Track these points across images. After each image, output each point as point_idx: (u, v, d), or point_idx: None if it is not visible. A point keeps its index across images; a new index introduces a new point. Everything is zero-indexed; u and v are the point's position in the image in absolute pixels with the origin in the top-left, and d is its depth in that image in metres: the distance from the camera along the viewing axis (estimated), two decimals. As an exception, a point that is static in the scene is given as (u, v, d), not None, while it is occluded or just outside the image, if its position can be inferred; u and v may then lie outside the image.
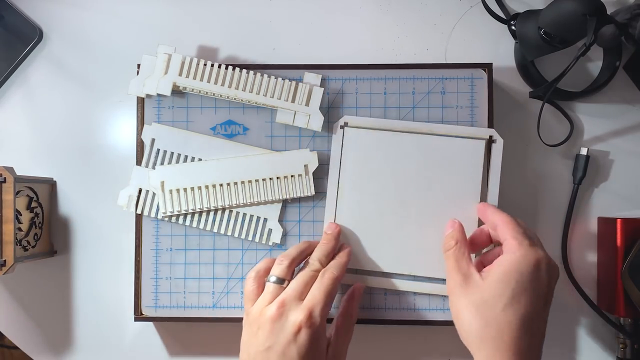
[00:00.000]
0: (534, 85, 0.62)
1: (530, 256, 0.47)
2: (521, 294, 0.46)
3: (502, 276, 0.46)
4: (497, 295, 0.46)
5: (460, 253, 0.50)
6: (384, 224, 0.57)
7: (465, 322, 0.47)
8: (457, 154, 0.57)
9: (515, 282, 0.46)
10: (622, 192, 0.62)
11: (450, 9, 0.64)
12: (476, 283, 0.47)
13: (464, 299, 0.47)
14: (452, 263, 0.50)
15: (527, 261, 0.47)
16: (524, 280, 0.46)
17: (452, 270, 0.50)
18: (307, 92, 0.59)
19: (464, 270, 0.49)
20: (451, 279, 0.49)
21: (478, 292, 0.47)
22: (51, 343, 0.64)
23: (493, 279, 0.47)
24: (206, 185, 0.59)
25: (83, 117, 0.64)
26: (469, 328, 0.47)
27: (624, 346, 0.59)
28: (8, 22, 0.65)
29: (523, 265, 0.47)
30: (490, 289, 0.46)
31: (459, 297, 0.48)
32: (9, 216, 0.55)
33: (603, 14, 0.52)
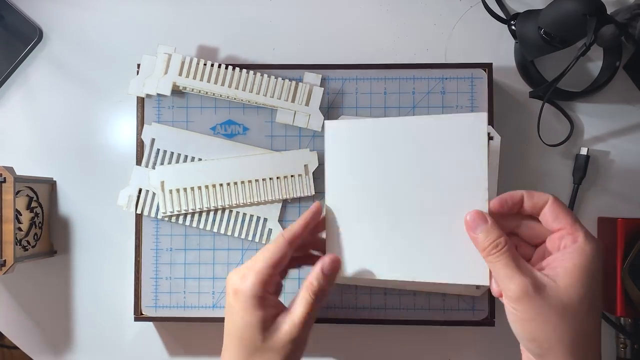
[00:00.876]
0: (534, 85, 0.62)
1: (599, 248, 0.42)
2: (598, 292, 0.42)
3: (580, 276, 0.41)
4: (579, 299, 0.41)
5: (515, 254, 0.43)
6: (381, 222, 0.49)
7: (543, 330, 0.41)
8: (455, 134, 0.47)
9: (594, 281, 0.41)
10: (622, 192, 0.62)
11: (450, 9, 0.64)
12: (550, 286, 0.41)
13: (539, 304, 0.41)
14: (510, 266, 0.42)
15: (599, 255, 0.42)
16: (598, 278, 0.41)
17: (513, 274, 0.42)
18: (307, 92, 0.59)
19: (528, 273, 0.42)
20: (515, 284, 0.41)
21: (556, 296, 0.41)
22: (51, 343, 0.64)
23: (570, 281, 0.41)
24: (206, 185, 0.59)
25: (83, 117, 0.64)
26: (550, 336, 0.41)
27: (624, 346, 0.59)
28: (8, 22, 0.65)
29: (596, 261, 0.41)
30: (570, 292, 0.41)
31: (532, 304, 0.41)
32: (9, 216, 0.55)
33: (603, 14, 0.52)
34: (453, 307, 0.58)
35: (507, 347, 0.61)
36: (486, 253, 0.44)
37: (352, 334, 0.62)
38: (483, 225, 0.44)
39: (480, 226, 0.44)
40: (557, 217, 0.43)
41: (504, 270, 0.42)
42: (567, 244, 0.42)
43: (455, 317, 0.58)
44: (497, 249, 0.43)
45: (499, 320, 0.57)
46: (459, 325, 0.58)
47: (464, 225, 0.45)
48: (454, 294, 0.58)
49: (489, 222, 0.44)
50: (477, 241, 0.44)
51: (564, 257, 0.42)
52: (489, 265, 0.44)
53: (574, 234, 0.42)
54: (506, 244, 0.43)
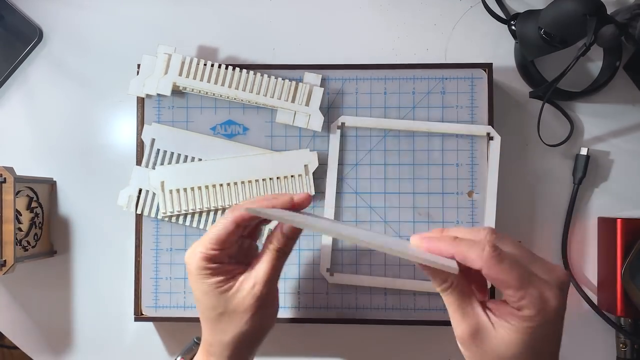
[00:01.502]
0: (534, 85, 0.62)
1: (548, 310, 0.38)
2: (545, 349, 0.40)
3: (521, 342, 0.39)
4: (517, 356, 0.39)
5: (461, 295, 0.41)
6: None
7: None
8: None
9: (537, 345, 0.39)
10: (622, 192, 0.62)
11: (450, 9, 0.64)
12: (492, 336, 0.39)
13: (480, 349, 0.40)
14: (457, 311, 0.41)
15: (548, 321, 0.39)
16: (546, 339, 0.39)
17: (457, 317, 0.41)
18: (307, 92, 0.59)
19: (470, 319, 0.40)
20: (457, 326, 0.41)
21: (496, 346, 0.39)
22: (51, 343, 0.64)
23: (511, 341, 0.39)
24: (206, 185, 0.59)
25: (83, 117, 0.64)
26: None
27: (624, 346, 0.59)
28: (8, 22, 0.65)
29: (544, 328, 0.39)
30: (509, 348, 0.39)
31: (475, 347, 0.40)
32: (9, 216, 0.55)
33: (603, 14, 0.52)
34: (453, 307, 0.58)
35: (507, 347, 0.61)
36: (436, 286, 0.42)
37: (352, 334, 0.62)
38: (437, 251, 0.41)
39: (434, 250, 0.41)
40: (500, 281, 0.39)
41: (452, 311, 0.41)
42: (516, 308, 0.39)
43: (455, 317, 0.58)
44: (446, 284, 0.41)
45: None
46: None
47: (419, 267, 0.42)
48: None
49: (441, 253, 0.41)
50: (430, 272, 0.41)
51: (512, 316, 0.39)
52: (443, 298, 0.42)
53: (520, 302, 0.38)
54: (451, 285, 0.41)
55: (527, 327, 0.38)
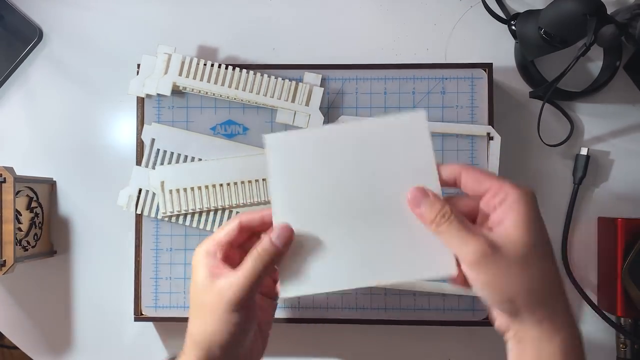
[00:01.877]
0: (534, 85, 0.62)
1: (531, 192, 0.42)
2: (546, 235, 0.42)
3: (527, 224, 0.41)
4: (532, 246, 0.41)
5: (463, 219, 0.42)
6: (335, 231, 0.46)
7: (511, 287, 0.41)
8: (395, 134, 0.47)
9: (538, 225, 0.41)
10: (622, 192, 0.62)
11: (450, 9, 0.64)
12: (504, 242, 0.41)
13: (499, 263, 0.40)
14: (462, 231, 0.42)
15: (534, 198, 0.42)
16: (540, 219, 0.42)
17: (467, 238, 0.41)
18: (307, 92, 0.59)
19: (481, 235, 0.41)
20: (471, 247, 0.41)
21: (513, 249, 0.40)
22: (51, 343, 0.64)
23: (520, 231, 0.41)
24: (206, 185, 0.59)
25: (83, 117, 0.64)
26: (519, 290, 0.41)
27: (624, 346, 0.59)
28: (8, 22, 0.65)
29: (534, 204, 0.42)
30: (524, 241, 0.40)
31: (492, 264, 0.40)
32: (9, 216, 0.55)
33: (603, 13, 0.52)
34: (453, 307, 0.58)
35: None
36: (435, 225, 0.43)
37: (352, 334, 0.62)
38: (425, 199, 0.44)
39: (422, 200, 0.44)
40: (478, 181, 0.43)
41: (457, 237, 0.42)
42: (502, 199, 0.42)
43: (455, 317, 0.58)
44: (444, 218, 0.42)
45: (499, 320, 0.57)
46: (459, 325, 0.58)
47: (408, 205, 0.45)
48: (454, 294, 0.58)
49: (430, 195, 0.44)
50: (423, 217, 0.44)
51: (504, 212, 0.41)
52: (441, 237, 0.43)
53: (502, 189, 0.42)
54: (452, 211, 0.42)
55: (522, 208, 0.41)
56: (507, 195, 0.41)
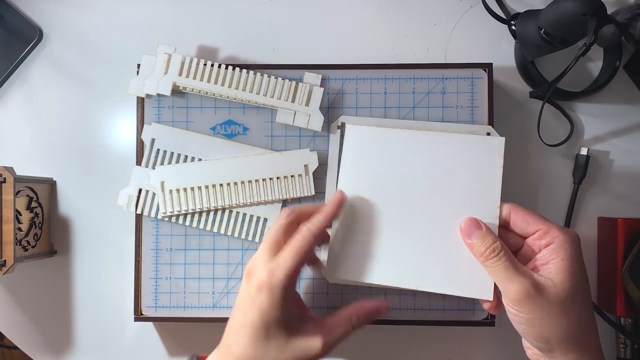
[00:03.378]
0: (534, 85, 0.62)
1: (576, 236, 0.44)
2: (586, 279, 0.44)
3: (570, 269, 0.43)
4: (573, 291, 0.43)
5: (511, 256, 0.45)
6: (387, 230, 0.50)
7: (549, 328, 0.43)
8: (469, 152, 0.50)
9: (580, 270, 0.44)
10: (622, 192, 0.62)
11: (450, 9, 0.64)
12: (548, 285, 0.43)
13: (541, 304, 0.43)
14: (509, 269, 0.44)
15: (578, 242, 0.44)
16: (582, 265, 0.44)
17: (513, 276, 0.43)
18: (307, 92, 0.59)
19: (527, 274, 0.44)
20: (516, 286, 0.43)
21: (555, 293, 0.43)
22: (51, 343, 0.64)
23: (563, 275, 0.43)
24: (206, 185, 0.59)
25: (83, 117, 0.64)
26: (556, 332, 0.43)
27: (624, 346, 0.59)
28: (8, 22, 0.65)
29: (578, 248, 0.44)
30: (566, 287, 0.43)
31: (534, 304, 0.43)
32: (9, 216, 0.55)
33: (603, 14, 0.52)
34: (453, 307, 0.58)
35: (507, 347, 0.61)
36: (484, 258, 0.45)
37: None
38: (478, 232, 0.46)
39: (475, 232, 0.46)
40: (527, 221, 0.46)
41: (503, 274, 0.44)
42: (549, 242, 0.44)
43: (455, 317, 0.58)
44: (494, 253, 0.45)
45: (499, 320, 0.57)
46: (459, 325, 0.58)
47: (460, 233, 0.48)
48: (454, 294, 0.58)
49: (483, 229, 0.46)
50: (473, 248, 0.46)
51: (550, 255, 0.44)
52: (487, 270, 0.46)
53: (550, 232, 0.44)
54: (502, 248, 0.45)
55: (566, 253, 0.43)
56: (554, 239, 0.44)
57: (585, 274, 0.44)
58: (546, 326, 0.43)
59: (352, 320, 0.48)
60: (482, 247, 0.45)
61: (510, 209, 0.47)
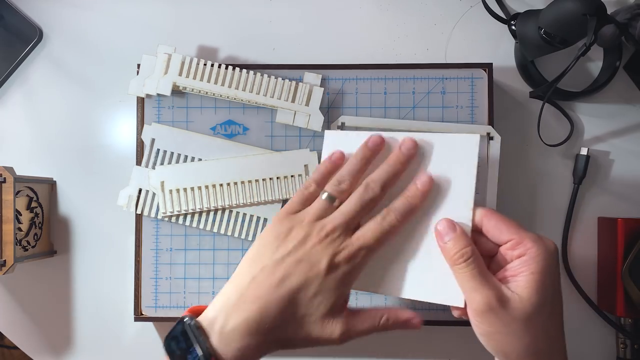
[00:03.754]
0: (534, 85, 0.62)
1: (551, 248, 0.42)
2: (558, 293, 0.42)
3: (539, 283, 0.41)
4: (540, 306, 0.41)
5: (482, 265, 0.42)
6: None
7: (509, 343, 0.41)
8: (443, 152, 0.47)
9: (551, 284, 0.41)
10: (622, 192, 0.62)
11: (450, 9, 0.64)
12: (513, 299, 0.41)
13: (503, 318, 0.41)
14: (475, 278, 0.42)
15: (553, 255, 0.42)
16: (555, 278, 0.42)
17: (478, 287, 0.42)
18: (307, 92, 0.59)
19: (493, 286, 0.41)
20: (478, 298, 0.41)
21: (519, 308, 0.41)
22: (51, 343, 0.64)
23: (531, 290, 0.41)
24: (206, 185, 0.59)
25: (83, 117, 0.64)
26: (516, 347, 0.41)
27: (624, 346, 0.59)
28: (8, 22, 0.65)
29: (552, 262, 0.42)
30: (532, 302, 0.41)
31: (496, 318, 0.41)
32: (9, 216, 0.55)
33: (603, 13, 0.52)
34: (453, 307, 0.58)
35: (507, 347, 0.61)
36: (452, 262, 0.43)
37: (352, 334, 0.62)
38: (452, 234, 0.44)
39: (448, 234, 0.44)
40: (500, 229, 0.43)
41: (469, 282, 0.42)
42: (521, 253, 0.42)
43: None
44: (462, 259, 0.43)
45: (499, 320, 0.57)
46: (459, 325, 0.58)
47: (435, 234, 0.45)
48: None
49: (457, 231, 0.44)
50: (445, 250, 0.44)
51: (522, 267, 0.42)
52: (455, 275, 0.44)
53: (523, 242, 0.42)
54: (472, 254, 0.43)
55: (537, 267, 0.41)
56: (527, 251, 0.42)
57: (557, 287, 0.42)
58: (506, 341, 0.41)
59: (382, 320, 0.46)
60: (452, 250, 0.43)
61: (482, 214, 0.44)
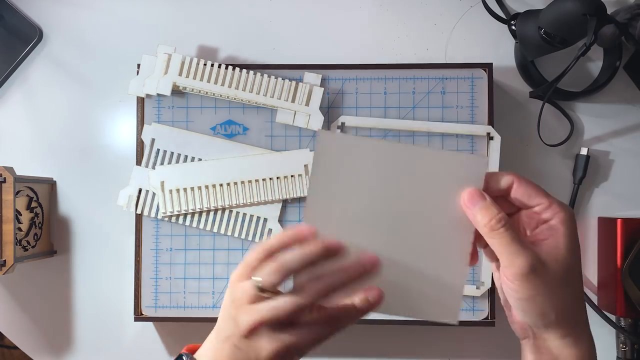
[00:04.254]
0: (534, 85, 0.62)
1: (571, 212, 0.44)
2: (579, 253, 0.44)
3: (570, 245, 0.43)
4: (573, 266, 0.43)
5: (516, 229, 0.43)
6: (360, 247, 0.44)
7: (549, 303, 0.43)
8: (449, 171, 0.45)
9: (577, 247, 0.43)
10: (622, 192, 0.62)
11: (450, 9, 0.64)
12: (550, 260, 0.42)
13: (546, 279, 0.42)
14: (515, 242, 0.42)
15: (574, 219, 0.44)
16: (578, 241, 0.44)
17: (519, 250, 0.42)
18: (307, 92, 0.59)
19: (533, 249, 0.42)
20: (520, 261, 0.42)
21: (557, 268, 0.42)
22: (51, 343, 0.64)
23: (565, 252, 0.43)
24: (206, 185, 0.59)
25: (83, 117, 0.64)
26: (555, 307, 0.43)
27: (624, 346, 0.59)
28: (8, 22, 0.65)
29: (574, 225, 0.44)
30: (567, 262, 0.42)
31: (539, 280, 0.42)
32: (9, 216, 0.55)
33: (603, 14, 0.52)
34: (453, 307, 0.58)
35: (507, 347, 0.61)
36: (488, 229, 0.43)
37: (352, 334, 0.62)
38: (482, 202, 0.43)
39: (479, 203, 0.43)
40: (529, 195, 0.44)
41: (509, 247, 0.42)
42: (549, 217, 0.43)
43: (455, 317, 0.58)
44: (500, 224, 0.42)
45: (499, 320, 0.57)
46: (459, 325, 0.58)
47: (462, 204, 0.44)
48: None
49: (487, 199, 0.43)
50: (476, 219, 0.43)
51: (551, 230, 0.43)
52: (490, 242, 0.43)
53: (552, 207, 0.43)
54: (506, 219, 0.43)
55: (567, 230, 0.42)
56: (555, 215, 0.43)
57: (579, 250, 0.44)
58: (547, 301, 0.43)
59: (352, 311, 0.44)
60: (486, 217, 0.43)
61: (512, 179, 0.45)
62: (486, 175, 0.44)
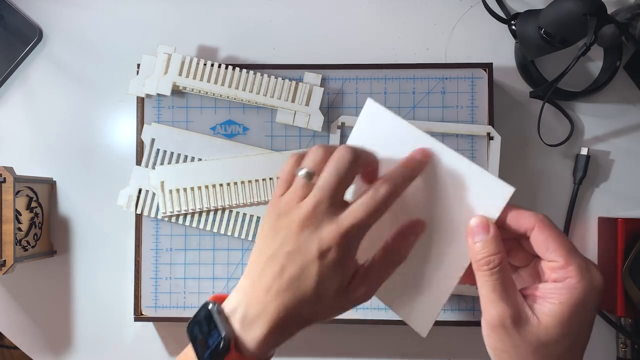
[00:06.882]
0: (534, 85, 0.62)
1: (594, 283, 0.38)
2: (584, 328, 0.39)
3: (565, 316, 0.37)
4: (559, 338, 0.38)
5: (507, 277, 0.39)
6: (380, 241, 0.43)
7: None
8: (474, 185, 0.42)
9: (579, 319, 0.38)
10: (622, 192, 0.62)
11: (450, 9, 0.64)
12: (531, 322, 0.38)
13: (514, 338, 0.38)
14: (497, 291, 0.38)
15: (593, 292, 0.38)
16: (587, 317, 0.38)
17: (496, 300, 0.38)
18: (307, 92, 0.59)
19: (514, 303, 0.38)
20: (493, 312, 0.38)
21: (534, 333, 0.38)
22: (51, 343, 0.64)
23: (553, 320, 0.38)
24: (206, 185, 0.59)
25: (83, 117, 0.64)
26: None
27: (624, 346, 0.59)
28: (8, 22, 0.65)
29: (588, 299, 0.38)
30: (550, 332, 0.38)
31: (506, 336, 0.38)
32: (8, 216, 0.55)
33: (603, 13, 0.52)
34: (453, 307, 0.58)
35: (507, 347, 0.61)
36: (477, 267, 0.40)
37: (352, 334, 0.62)
38: (483, 235, 0.40)
39: (480, 235, 0.40)
40: (547, 247, 0.39)
41: (488, 293, 0.39)
42: (559, 278, 0.38)
43: (455, 317, 0.58)
44: (488, 267, 0.39)
45: (499, 320, 0.57)
46: (459, 325, 0.58)
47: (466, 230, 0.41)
48: (454, 294, 0.58)
49: (490, 234, 0.40)
50: (472, 250, 0.40)
51: (553, 292, 0.38)
52: (477, 279, 0.40)
53: (566, 269, 0.38)
54: (500, 264, 0.39)
55: (569, 300, 0.37)
56: (566, 280, 0.38)
57: (587, 324, 0.39)
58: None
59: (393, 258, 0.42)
60: (480, 254, 0.39)
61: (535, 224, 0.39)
62: (507, 208, 0.40)
